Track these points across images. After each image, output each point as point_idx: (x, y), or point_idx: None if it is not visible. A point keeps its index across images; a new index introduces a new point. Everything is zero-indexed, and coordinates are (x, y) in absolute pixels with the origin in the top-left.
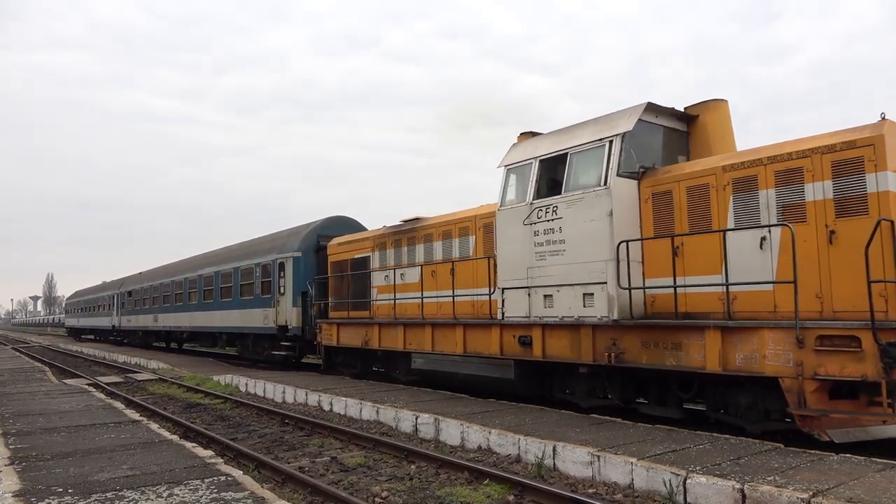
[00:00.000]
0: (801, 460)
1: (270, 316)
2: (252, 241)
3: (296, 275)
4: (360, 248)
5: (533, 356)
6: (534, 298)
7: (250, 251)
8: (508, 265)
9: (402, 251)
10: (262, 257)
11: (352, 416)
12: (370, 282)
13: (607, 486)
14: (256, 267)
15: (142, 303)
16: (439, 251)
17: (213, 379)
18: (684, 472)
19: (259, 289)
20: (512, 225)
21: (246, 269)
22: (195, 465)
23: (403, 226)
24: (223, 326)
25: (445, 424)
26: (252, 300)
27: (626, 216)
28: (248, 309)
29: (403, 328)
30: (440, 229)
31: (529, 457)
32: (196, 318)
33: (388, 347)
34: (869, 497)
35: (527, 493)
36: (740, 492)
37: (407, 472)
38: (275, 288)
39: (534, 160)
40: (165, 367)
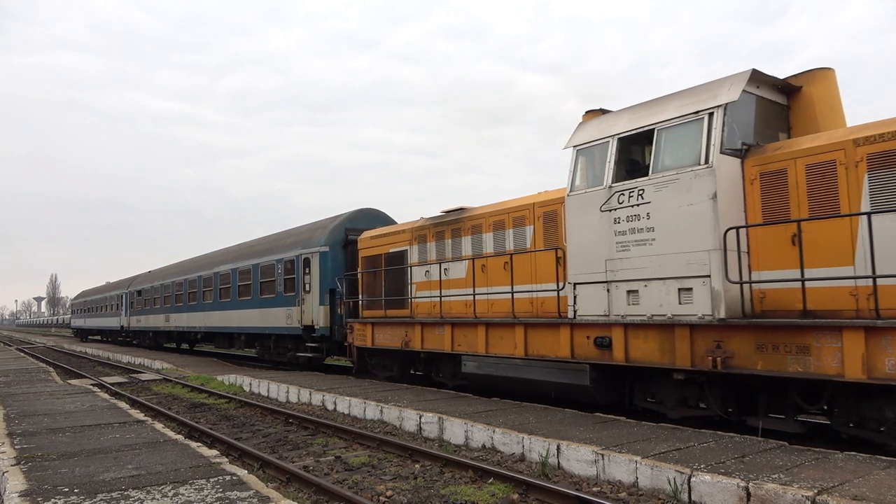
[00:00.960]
0: (805, 458)
1: (295, 315)
2: (273, 235)
3: (323, 271)
4: (396, 242)
5: (613, 360)
6: (614, 294)
7: (271, 247)
8: (582, 257)
9: (446, 244)
10: (285, 253)
11: (356, 416)
12: (408, 277)
13: (612, 485)
14: (278, 263)
15: (152, 302)
16: (489, 243)
17: (217, 379)
18: (689, 471)
19: (282, 286)
20: (585, 212)
21: (267, 266)
22: (200, 464)
23: (446, 217)
24: (242, 326)
25: (449, 423)
26: (274, 299)
27: (730, 199)
28: (269, 308)
29: (451, 328)
30: (490, 220)
31: (533, 455)
32: (211, 318)
33: (433, 349)
34: (874, 494)
35: (531, 491)
36: (745, 490)
37: (411, 472)
38: (299, 285)
39: (611, 139)
40: (169, 367)
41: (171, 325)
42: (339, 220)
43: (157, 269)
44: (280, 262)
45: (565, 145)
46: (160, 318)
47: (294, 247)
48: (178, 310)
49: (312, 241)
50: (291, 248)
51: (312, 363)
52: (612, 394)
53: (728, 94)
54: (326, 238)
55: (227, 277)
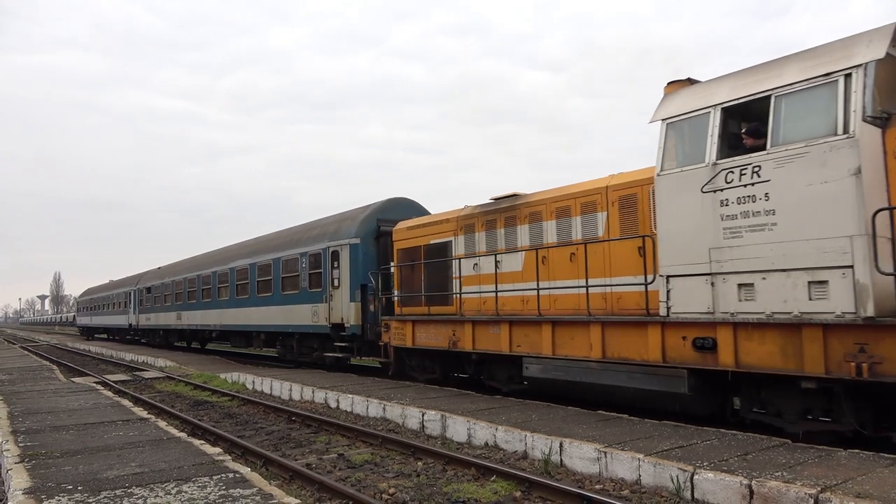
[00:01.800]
0: (808, 456)
1: (321, 312)
2: (295, 228)
3: (353, 265)
4: (438, 233)
5: (718, 364)
6: (721, 289)
7: (294, 240)
8: (677, 246)
9: (498, 234)
10: (310, 246)
11: (358, 414)
12: (453, 271)
13: (614, 483)
14: (302, 257)
15: (162, 300)
16: (551, 232)
17: (220, 377)
18: (692, 468)
19: (306, 282)
20: (681, 194)
21: (289, 260)
22: (203, 462)
23: (498, 204)
24: (261, 325)
25: (452, 421)
26: (297, 295)
27: (872, 176)
28: (292, 305)
29: (509, 326)
30: (552, 206)
31: (536, 453)
32: (227, 316)
33: (487, 350)
34: (878, 492)
35: (534, 489)
36: (748, 487)
37: (414, 469)
38: (327, 280)
39: (713, 109)
40: (172, 365)
41: (184, 323)
42: (369, 211)
43: (166, 265)
44: (304, 256)
45: (651, 119)
46: (171, 315)
47: (320, 239)
48: (190, 307)
49: (341, 233)
50: (317, 241)
51: (340, 364)
52: (712, 403)
53: (870, 52)
54: (357, 229)
55: (244, 273)
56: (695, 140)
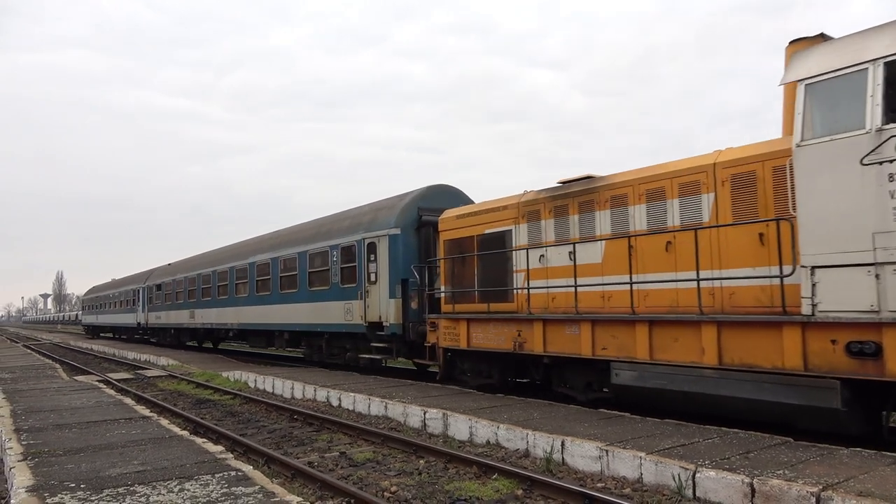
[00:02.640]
0: (810, 454)
1: (356, 310)
2: (323, 219)
3: (393, 257)
4: (495, 221)
5: (885, 374)
6: (890, 282)
7: (322, 231)
8: (827, 230)
9: (570, 221)
10: (342, 238)
11: (360, 412)
12: (514, 264)
13: (616, 481)
14: (333, 250)
15: (174, 297)
16: (639, 218)
17: (223, 375)
18: (693, 467)
19: (338, 277)
20: (834, 167)
21: (318, 254)
22: (205, 460)
23: (571, 187)
24: (285, 323)
25: (454, 419)
26: (327, 291)
27: None
28: (321, 302)
29: (591, 326)
30: (641, 188)
31: (538, 451)
32: (246, 314)
33: (561, 353)
34: (879, 490)
35: (535, 487)
36: (749, 486)
37: (416, 467)
38: (362, 275)
39: (871, 65)
40: (175, 363)
41: (197, 322)
42: (409, 199)
43: (177, 261)
44: (335, 249)
45: (782, 81)
46: (183, 313)
47: (354, 230)
48: (205, 305)
49: (378, 223)
50: (351, 232)
51: (374, 366)
52: (867, 420)
53: None
54: (397, 219)
55: (265, 268)
56: (849, 102)
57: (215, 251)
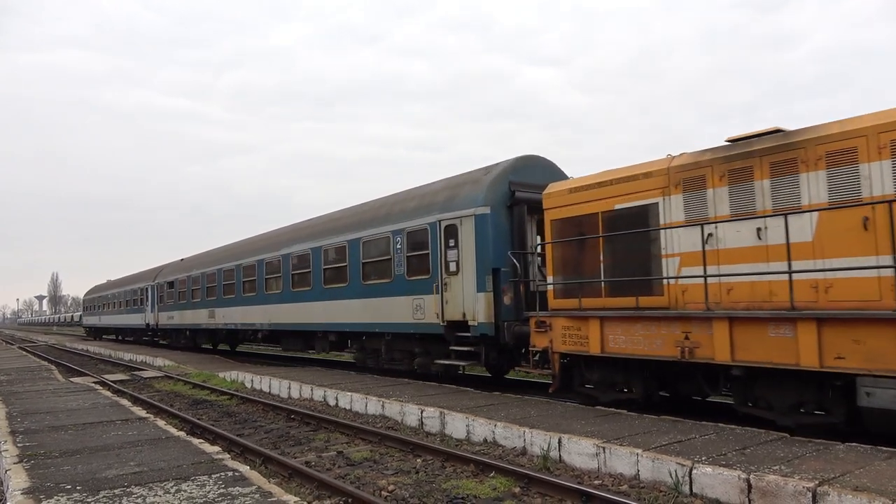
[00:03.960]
0: (806, 449)
1: (429, 306)
2: (378, 201)
3: (481, 242)
4: (630, 193)
5: None
6: None
7: (380, 215)
8: None
9: (757, 188)
10: (408, 221)
11: (357, 411)
12: (663, 246)
13: (613, 478)
14: (396, 236)
15: (189, 295)
16: (880, 179)
17: (219, 375)
18: (690, 463)
19: (402, 267)
20: None
21: (374, 241)
22: (202, 460)
23: (751, 144)
24: (330, 323)
25: (451, 418)
26: (388, 285)
27: None
28: (381, 298)
29: (816, 326)
30: (884, 139)
31: (535, 449)
32: (278, 313)
33: (764, 362)
34: (875, 485)
35: (533, 485)
36: (746, 481)
37: (413, 466)
38: (438, 265)
39: None
40: (171, 364)
41: (219, 322)
42: (498, 171)
43: (192, 256)
44: (399, 234)
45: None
46: (201, 313)
47: (425, 211)
48: (227, 303)
49: (460, 201)
50: (420, 214)
51: (450, 373)
52: None
53: None
54: (486, 195)
55: (304, 260)
56: None
57: (239, 243)
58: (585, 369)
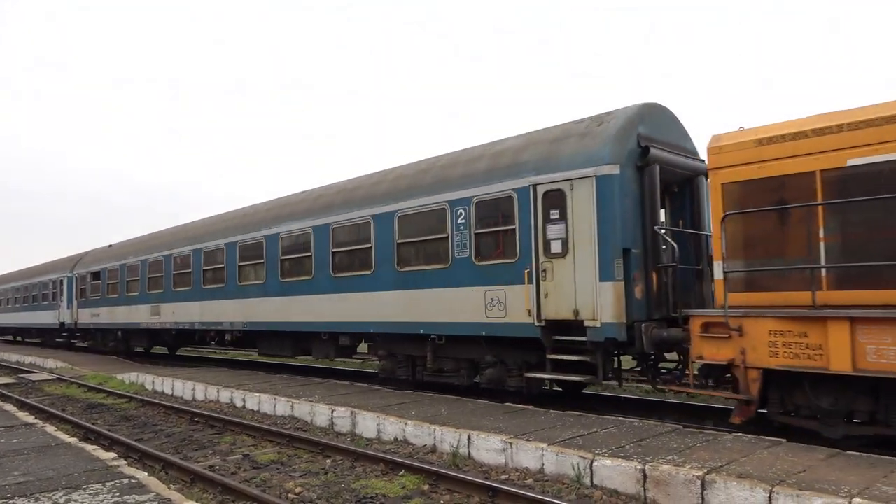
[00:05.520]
0: (697, 440)
1: (513, 300)
2: (419, 163)
3: (606, 213)
4: (883, 143)
5: None
6: None
7: (424, 182)
8: None
9: None
10: (478, 187)
11: (265, 413)
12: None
13: (519, 472)
14: (456, 207)
15: (123, 287)
16: None
17: (117, 377)
18: (591, 456)
19: (468, 248)
20: None
21: (418, 215)
22: (96, 468)
23: None
24: (344, 322)
25: (362, 417)
26: (442, 272)
27: None
28: (429, 289)
29: None
30: None
31: (445, 446)
32: (259, 309)
33: None
34: (757, 472)
35: (441, 482)
36: (642, 472)
37: (322, 467)
38: (531, 244)
39: None
40: (64, 366)
41: (166, 320)
42: (621, 120)
43: (124, 241)
44: (462, 205)
45: None
46: (140, 310)
47: (505, 174)
48: (179, 297)
49: (567, 159)
50: (497, 178)
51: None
52: None
53: None
54: (612, 149)
55: (301, 242)
56: None
57: (196, 224)
58: (812, 392)
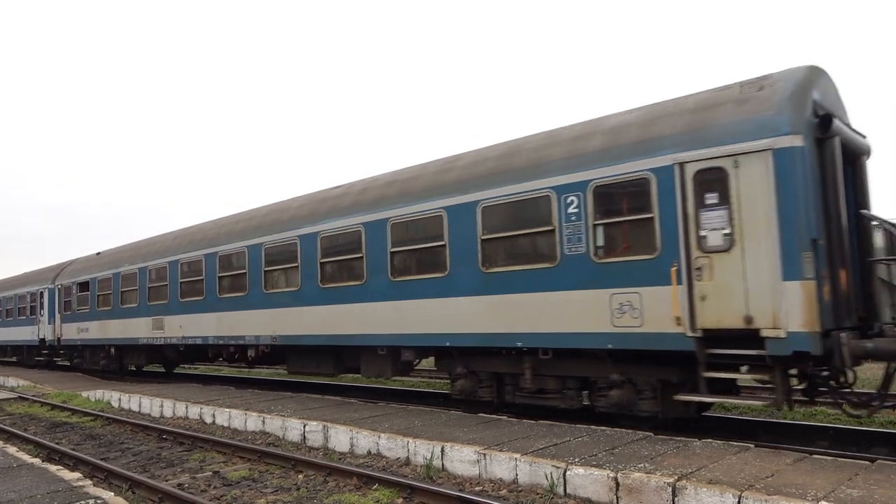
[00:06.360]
0: (668, 447)
1: (652, 305)
2: (499, 146)
3: (789, 195)
4: None
5: None
6: None
7: (514, 165)
8: None
9: None
10: (594, 168)
11: (236, 428)
12: None
13: (493, 483)
14: (566, 194)
15: (117, 299)
16: None
17: (82, 395)
18: (564, 465)
19: (584, 243)
20: None
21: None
22: (60, 489)
23: None
24: (408, 334)
25: (335, 431)
26: (548, 272)
27: None
28: (529, 293)
29: None
30: None
31: (419, 459)
32: (292, 320)
33: None
34: (727, 478)
35: (416, 494)
36: (614, 480)
37: (294, 483)
38: (679, 236)
39: None
40: (26, 384)
41: (171, 334)
42: (793, 83)
43: (116, 247)
44: (574, 192)
45: None
46: (138, 323)
47: (633, 151)
48: (188, 308)
49: (726, 128)
50: (623, 156)
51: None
52: None
53: None
54: (790, 116)
55: (348, 242)
56: None
57: (206, 225)
58: None
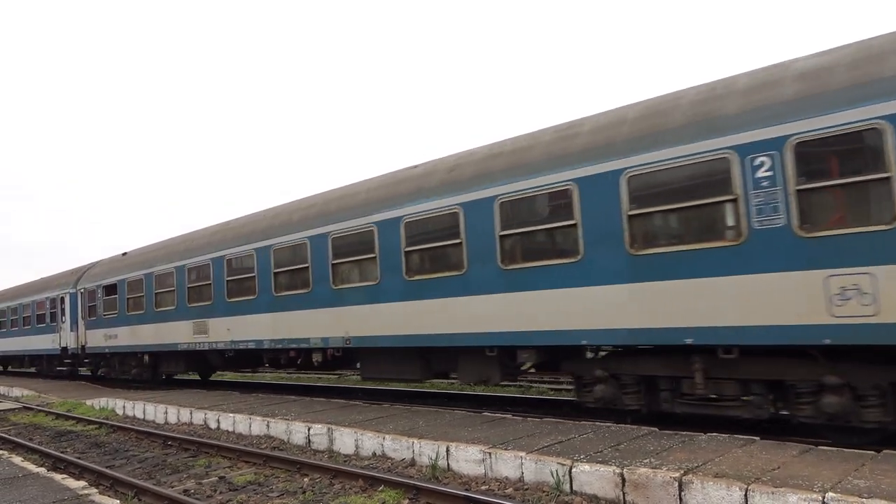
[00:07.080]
0: (673, 442)
1: (885, 288)
2: (650, 101)
3: None
4: None
5: None
6: None
7: (675, 122)
8: None
9: None
10: (779, 122)
11: (241, 433)
12: None
13: (499, 482)
14: (752, 155)
15: (151, 301)
16: None
17: (87, 403)
18: (570, 462)
19: (783, 214)
20: None
21: (668, 171)
22: (65, 497)
23: None
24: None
25: (339, 433)
26: (731, 250)
27: None
28: (700, 278)
29: None
30: None
31: (424, 459)
32: (369, 319)
33: None
34: (733, 471)
35: (422, 495)
36: (620, 476)
37: (300, 486)
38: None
39: None
40: (31, 394)
41: (218, 339)
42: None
43: (144, 247)
44: (762, 152)
45: None
46: (177, 327)
47: (850, 95)
48: (238, 309)
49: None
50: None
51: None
52: None
53: None
54: None
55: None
56: None
57: (255, 216)
58: None
